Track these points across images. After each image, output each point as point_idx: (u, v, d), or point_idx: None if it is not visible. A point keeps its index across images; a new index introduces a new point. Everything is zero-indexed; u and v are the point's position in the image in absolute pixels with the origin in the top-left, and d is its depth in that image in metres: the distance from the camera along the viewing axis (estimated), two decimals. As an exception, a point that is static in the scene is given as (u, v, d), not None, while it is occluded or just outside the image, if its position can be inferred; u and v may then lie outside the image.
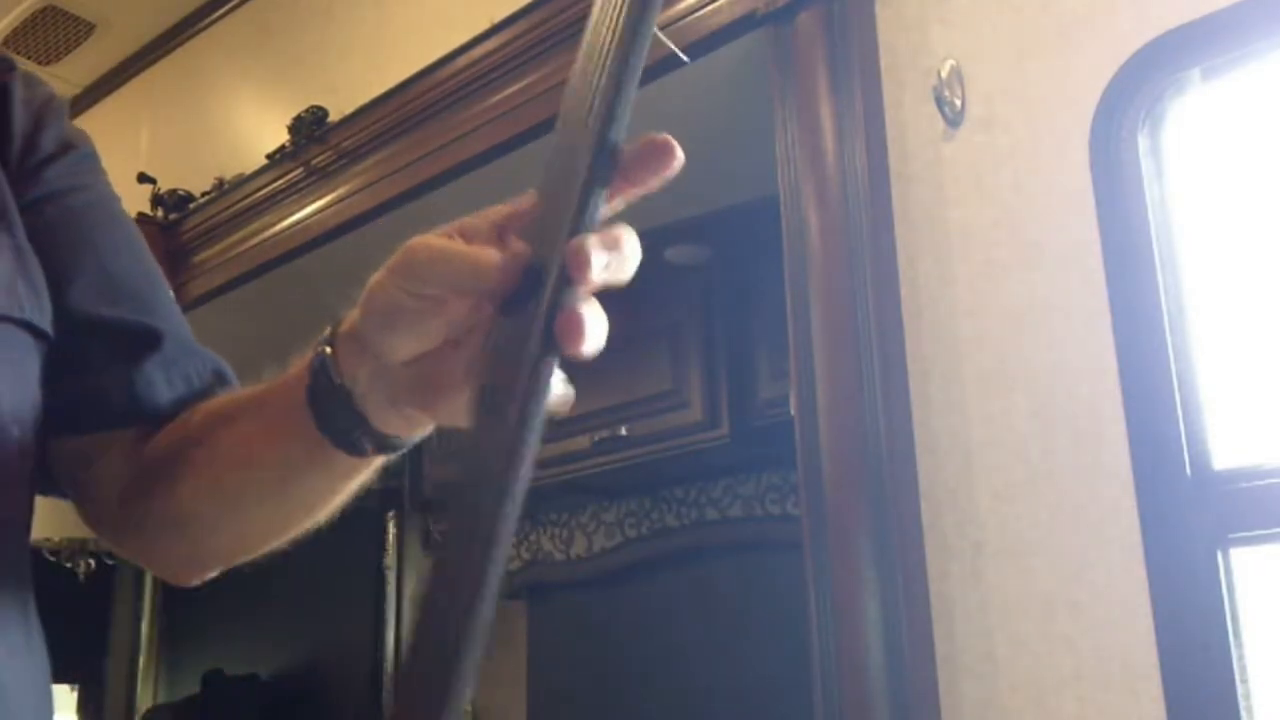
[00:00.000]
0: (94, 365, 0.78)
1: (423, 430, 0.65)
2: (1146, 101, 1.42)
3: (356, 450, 0.65)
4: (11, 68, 0.83)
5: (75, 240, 0.78)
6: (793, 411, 1.64)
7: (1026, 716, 1.40)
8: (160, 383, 0.79)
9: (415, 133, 2.37)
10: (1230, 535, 1.30)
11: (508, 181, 0.56)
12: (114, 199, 0.85)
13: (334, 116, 2.53)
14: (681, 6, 1.90)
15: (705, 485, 2.81)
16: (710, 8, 1.85)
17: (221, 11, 3.01)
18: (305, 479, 0.70)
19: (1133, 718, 1.32)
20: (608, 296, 0.49)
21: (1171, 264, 1.38)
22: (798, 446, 1.62)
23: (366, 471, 0.69)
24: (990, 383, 1.50)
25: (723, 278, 2.59)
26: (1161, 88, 1.42)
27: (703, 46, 1.88)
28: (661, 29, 2.18)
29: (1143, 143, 1.42)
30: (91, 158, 0.84)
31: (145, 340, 0.79)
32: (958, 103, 1.57)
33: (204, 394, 0.80)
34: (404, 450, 0.66)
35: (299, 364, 0.66)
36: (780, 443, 1.76)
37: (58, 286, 0.76)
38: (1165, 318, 1.36)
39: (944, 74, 1.59)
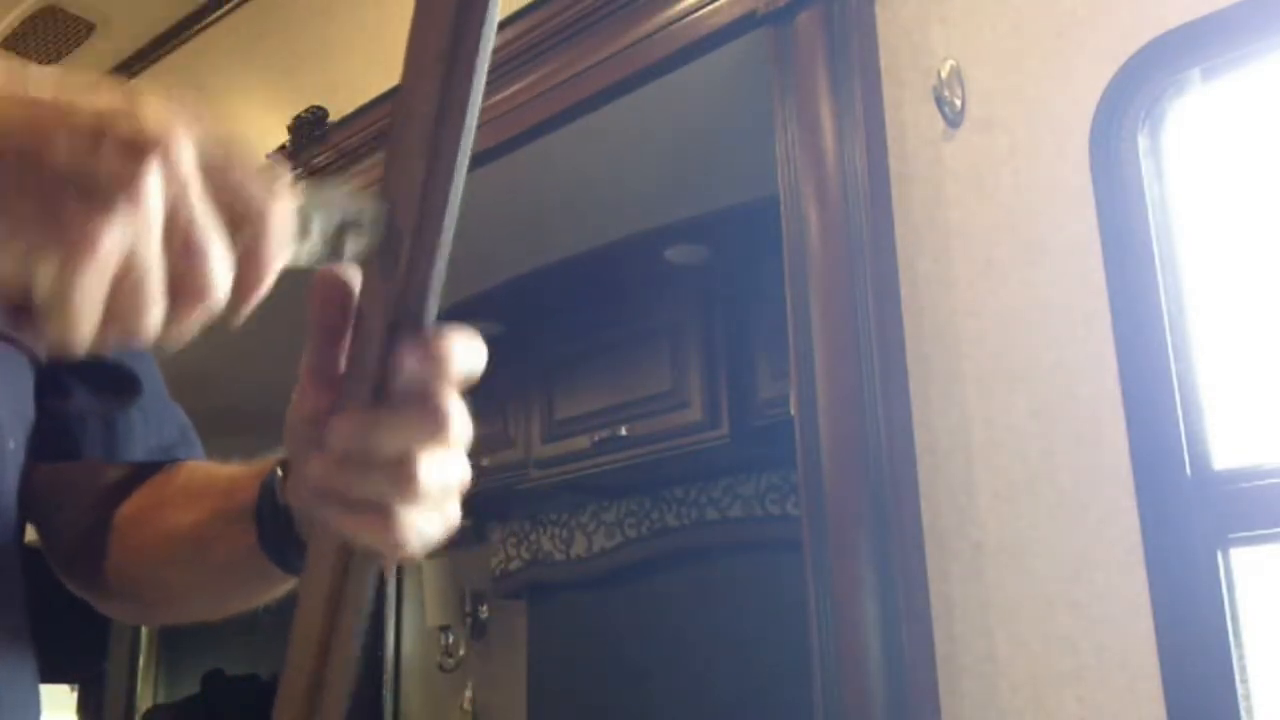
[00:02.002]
0: (77, 396, 0.80)
1: None
2: (1146, 101, 1.42)
3: (290, 570, 0.68)
4: None
5: None
6: (793, 411, 1.64)
7: (1026, 716, 1.40)
8: (139, 426, 0.82)
9: (415, 133, 2.36)
10: (1230, 535, 1.30)
11: (507, 181, 0.56)
12: None
13: (334, 116, 2.53)
14: (681, 6, 1.89)
15: (705, 485, 2.82)
16: (710, 8, 1.85)
17: (221, 12, 3.00)
18: (249, 584, 0.74)
19: (1133, 718, 1.32)
20: (608, 297, 0.50)
21: (1171, 264, 1.38)
22: (798, 446, 1.61)
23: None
24: (990, 383, 1.50)
25: (723, 278, 2.59)
26: (1161, 88, 1.42)
27: (703, 46, 1.88)
28: (661, 29, 2.16)
29: (1143, 143, 1.42)
30: None
31: (129, 384, 0.82)
32: (958, 103, 1.57)
33: (170, 449, 0.84)
34: None
35: (258, 471, 0.69)
36: (780, 443, 1.76)
37: None
38: (1165, 317, 1.36)
39: (944, 74, 1.59)
